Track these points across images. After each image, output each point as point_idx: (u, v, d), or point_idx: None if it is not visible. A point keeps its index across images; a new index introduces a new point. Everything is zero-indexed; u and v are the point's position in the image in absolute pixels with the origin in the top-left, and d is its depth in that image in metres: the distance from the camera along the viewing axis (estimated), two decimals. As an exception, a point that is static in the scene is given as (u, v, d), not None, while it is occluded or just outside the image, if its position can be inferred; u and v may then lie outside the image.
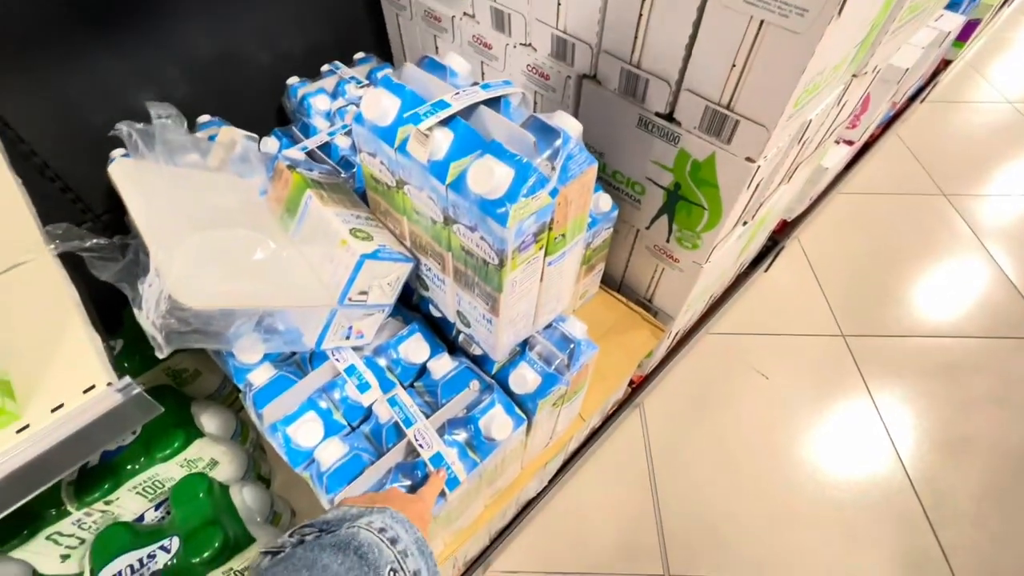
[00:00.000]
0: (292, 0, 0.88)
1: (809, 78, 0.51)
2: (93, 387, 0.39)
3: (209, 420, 0.80)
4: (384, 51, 1.02)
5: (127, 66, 0.78)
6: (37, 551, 0.66)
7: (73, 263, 0.50)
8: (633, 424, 1.17)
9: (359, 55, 0.97)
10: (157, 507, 0.75)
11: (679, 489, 1.07)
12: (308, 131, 0.82)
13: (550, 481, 0.94)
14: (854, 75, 0.70)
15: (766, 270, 1.39)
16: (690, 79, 0.58)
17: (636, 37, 0.60)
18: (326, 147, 0.78)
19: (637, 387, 1.07)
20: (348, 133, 0.80)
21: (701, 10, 0.52)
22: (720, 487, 1.07)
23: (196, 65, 0.85)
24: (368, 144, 0.46)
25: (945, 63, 1.87)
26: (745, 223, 0.79)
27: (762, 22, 0.48)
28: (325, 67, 0.94)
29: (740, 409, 1.18)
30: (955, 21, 1.23)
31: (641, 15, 0.57)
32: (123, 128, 0.43)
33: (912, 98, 1.75)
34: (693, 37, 0.54)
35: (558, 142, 0.40)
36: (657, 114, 0.63)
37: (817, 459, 1.11)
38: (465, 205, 0.39)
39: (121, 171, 0.44)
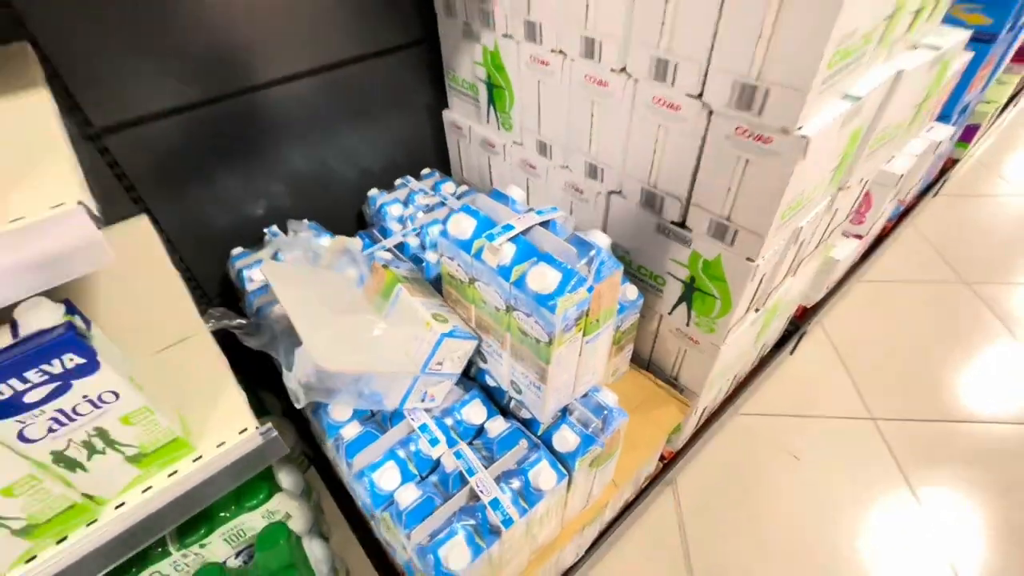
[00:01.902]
0: (372, 128, 1.11)
1: (790, 199, 0.64)
2: (245, 429, 0.53)
3: (285, 477, 0.91)
4: (445, 167, 1.23)
5: (244, 184, 0.99)
6: (141, 587, 0.76)
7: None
8: (667, 502, 1.20)
9: (425, 171, 1.19)
10: (237, 555, 0.84)
11: (713, 568, 1.08)
12: (385, 233, 1.01)
13: (587, 551, 0.99)
14: (840, 188, 0.84)
15: (791, 352, 1.46)
16: (697, 197, 0.73)
17: (653, 164, 0.76)
18: (400, 246, 0.96)
19: (669, 463, 1.13)
20: (417, 235, 0.98)
21: (701, 148, 0.68)
22: (755, 567, 1.08)
23: (296, 181, 1.07)
24: (449, 251, 0.61)
25: (952, 161, 2.01)
26: (757, 310, 0.90)
27: (747, 160, 0.63)
28: (398, 180, 1.15)
29: (772, 490, 1.21)
30: (945, 132, 1.38)
31: (655, 151, 0.74)
32: (275, 241, 0.61)
33: (923, 193, 1.87)
34: (696, 168, 0.70)
35: (593, 252, 0.54)
36: (672, 222, 0.78)
37: (853, 542, 1.11)
38: (524, 298, 0.53)
39: (271, 273, 0.61)
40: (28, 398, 0.38)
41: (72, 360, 0.39)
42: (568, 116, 0.84)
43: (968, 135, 1.95)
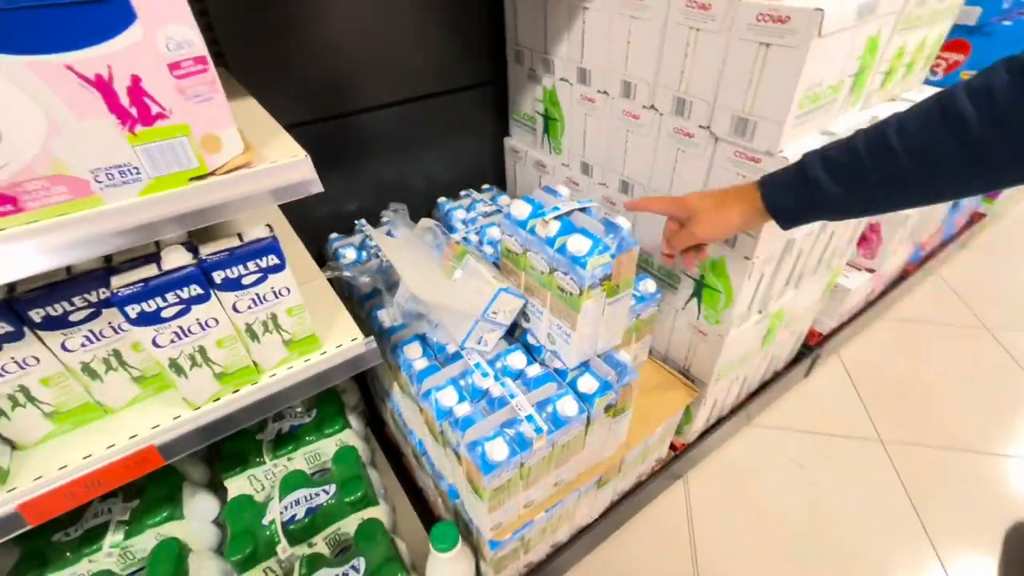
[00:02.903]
0: (445, 150, 1.36)
1: (777, 209, 0.82)
2: (355, 339, 0.73)
3: (354, 421, 1.11)
4: (502, 184, 1.47)
5: (342, 186, 1.25)
6: (240, 483, 0.96)
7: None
8: (678, 496, 1.32)
9: (485, 185, 1.42)
10: (312, 475, 1.03)
11: (718, 558, 1.19)
12: (451, 231, 1.23)
13: (600, 518, 1.12)
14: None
15: (805, 375, 1.57)
16: (706, 207, 0.91)
17: (672, 181, 0.95)
18: (463, 241, 1.18)
19: (680, 453, 1.26)
20: (477, 233, 1.20)
21: (709, 167, 0.87)
22: (759, 561, 1.18)
23: (381, 187, 1.31)
24: (509, 229, 0.82)
25: (978, 216, 2.10)
26: (760, 311, 1.05)
27: (744, 176, 0.82)
28: (463, 192, 1.38)
29: (777, 495, 1.31)
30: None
31: (674, 170, 0.94)
32: (387, 214, 0.83)
33: (947, 242, 1.97)
34: (705, 182, 0.89)
35: (617, 231, 0.73)
36: (686, 228, 0.96)
37: (855, 550, 1.19)
38: (564, 260, 0.73)
39: (380, 237, 0.83)
40: (245, 280, 0.60)
41: (273, 259, 0.61)
42: (607, 142, 1.05)
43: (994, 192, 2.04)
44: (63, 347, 0.57)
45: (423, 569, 0.87)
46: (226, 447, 1.01)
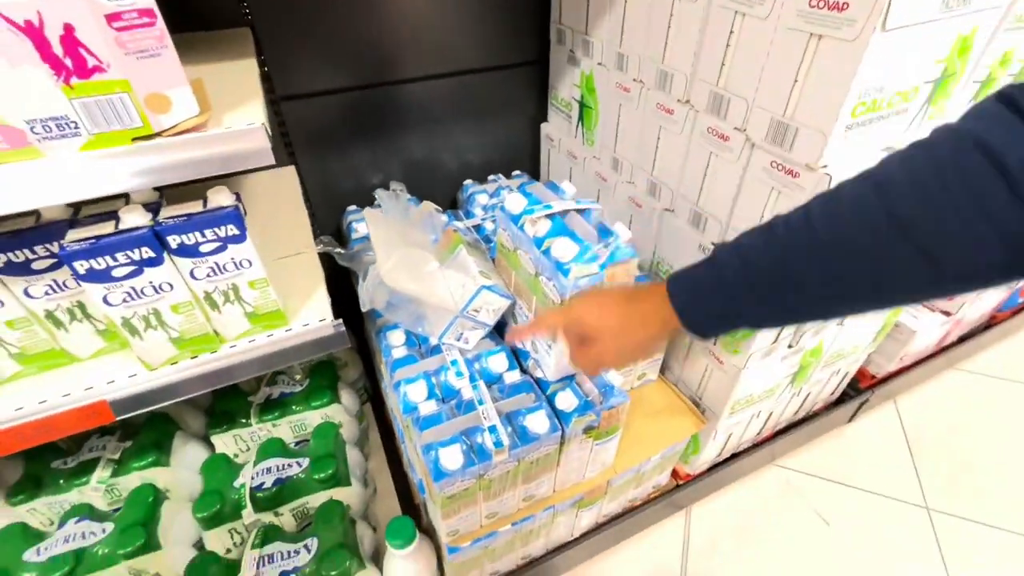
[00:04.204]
0: (479, 130, 1.30)
1: (815, 233, 0.70)
2: (324, 319, 0.71)
3: (345, 396, 1.11)
4: (535, 172, 1.39)
5: (368, 158, 1.22)
6: (226, 440, 0.98)
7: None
8: (676, 527, 1.22)
9: (516, 172, 1.36)
10: (296, 444, 1.04)
11: (707, 599, 1.09)
12: (469, 215, 1.18)
13: (583, 538, 1.05)
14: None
15: (849, 420, 1.40)
16: (735, 220, 0.80)
17: (702, 187, 0.85)
18: (477, 227, 1.13)
19: (684, 484, 1.16)
20: (494, 221, 1.14)
21: (742, 176, 0.76)
22: (751, 611, 1.07)
23: (409, 163, 1.28)
24: (503, 223, 0.76)
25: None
26: (791, 346, 0.93)
27: (779, 192, 0.70)
28: (491, 177, 1.32)
29: (789, 549, 1.18)
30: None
31: (705, 175, 0.83)
32: (381, 192, 0.79)
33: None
34: (737, 194, 0.78)
35: (611, 239, 0.65)
36: (712, 243, 0.86)
37: (867, 621, 1.05)
38: (547, 264, 0.66)
39: (370, 214, 0.79)
40: (203, 248, 0.59)
41: (232, 230, 0.59)
42: (639, 137, 0.95)
43: None
44: (26, 293, 0.58)
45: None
46: (219, 404, 1.03)
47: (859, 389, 1.34)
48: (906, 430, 1.43)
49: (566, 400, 0.75)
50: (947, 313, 1.31)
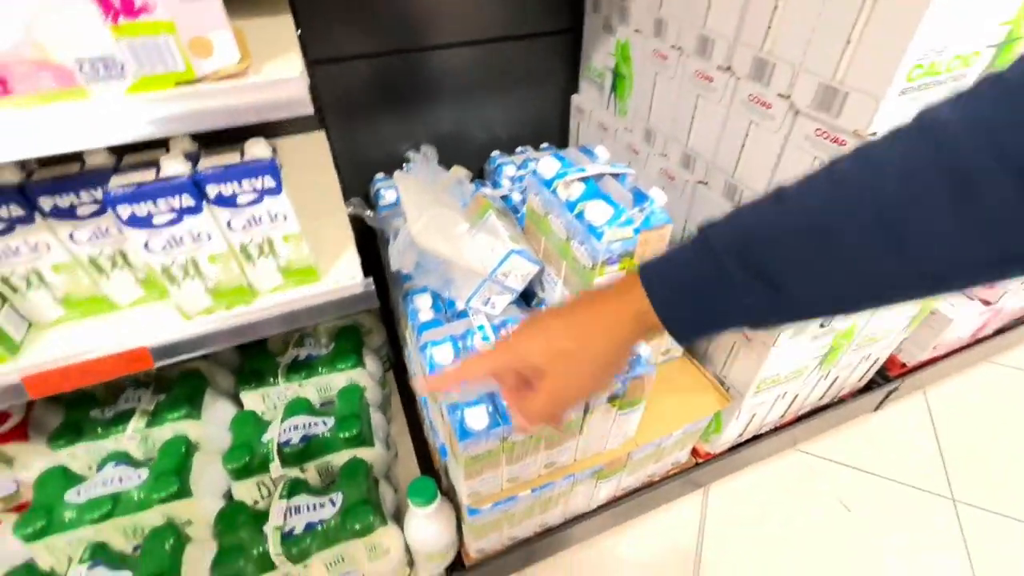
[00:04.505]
0: (509, 101, 1.28)
1: (858, 205, 0.68)
2: (355, 278, 0.71)
3: (369, 361, 1.12)
4: (563, 144, 1.37)
5: (396, 126, 1.22)
6: (254, 398, 1.01)
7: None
8: (694, 504, 1.22)
9: (544, 144, 1.34)
10: (321, 405, 1.06)
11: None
12: (496, 186, 1.17)
13: (599, 510, 1.06)
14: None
15: (876, 408, 1.37)
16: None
17: (739, 159, 0.82)
18: (504, 198, 1.12)
19: (703, 463, 1.15)
20: (521, 192, 1.13)
21: (783, 146, 0.73)
22: (766, 591, 1.07)
23: (437, 131, 1.27)
24: (534, 188, 0.75)
25: None
26: (823, 325, 0.91)
27: (822, 163, 0.68)
28: (519, 149, 1.31)
29: (809, 534, 1.16)
30: None
31: (743, 146, 0.80)
32: (412, 153, 0.79)
33: (1105, 286, 1.60)
34: (776, 164, 0.75)
35: (647, 203, 0.64)
36: (747, 216, 0.83)
37: (885, 607, 1.04)
38: (580, 228, 0.65)
39: (400, 177, 0.79)
40: (240, 199, 0.59)
41: (269, 182, 0.59)
42: (674, 107, 0.93)
43: None
44: (71, 237, 0.59)
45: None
46: (249, 363, 1.06)
47: (888, 378, 1.31)
48: (935, 421, 1.39)
49: (592, 368, 0.75)
50: (986, 302, 1.26)
